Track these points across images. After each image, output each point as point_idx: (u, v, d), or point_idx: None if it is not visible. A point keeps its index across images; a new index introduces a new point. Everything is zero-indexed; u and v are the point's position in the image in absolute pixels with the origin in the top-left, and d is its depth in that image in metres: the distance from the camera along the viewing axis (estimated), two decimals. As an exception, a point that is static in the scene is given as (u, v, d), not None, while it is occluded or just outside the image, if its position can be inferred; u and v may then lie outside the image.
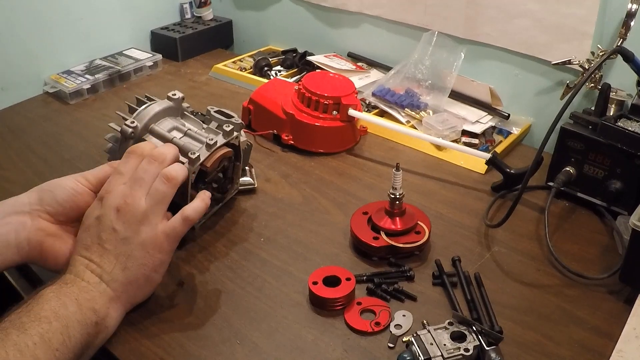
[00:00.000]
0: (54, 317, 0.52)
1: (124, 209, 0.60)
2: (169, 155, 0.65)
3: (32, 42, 1.15)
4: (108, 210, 0.61)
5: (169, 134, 0.72)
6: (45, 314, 0.52)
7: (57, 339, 0.51)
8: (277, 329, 0.62)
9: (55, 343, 0.51)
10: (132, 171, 0.63)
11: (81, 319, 0.54)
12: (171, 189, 0.63)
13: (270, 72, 1.25)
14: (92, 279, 0.58)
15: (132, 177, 0.63)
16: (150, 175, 0.63)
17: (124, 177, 0.63)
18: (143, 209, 0.61)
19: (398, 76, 1.09)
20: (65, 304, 0.54)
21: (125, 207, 0.61)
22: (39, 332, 0.50)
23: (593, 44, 0.91)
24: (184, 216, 0.62)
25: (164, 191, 0.62)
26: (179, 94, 0.75)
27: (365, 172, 0.91)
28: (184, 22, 1.44)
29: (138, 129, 0.71)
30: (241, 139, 0.77)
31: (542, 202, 0.83)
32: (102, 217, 0.61)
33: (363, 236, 0.72)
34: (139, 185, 0.62)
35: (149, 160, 0.64)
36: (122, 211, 0.60)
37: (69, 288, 0.56)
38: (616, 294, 0.66)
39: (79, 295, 0.56)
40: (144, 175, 0.63)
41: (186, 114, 0.77)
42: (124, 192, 0.62)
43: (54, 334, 0.51)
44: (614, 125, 0.75)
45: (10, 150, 0.98)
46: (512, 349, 0.59)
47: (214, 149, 0.71)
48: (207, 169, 0.70)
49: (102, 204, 0.62)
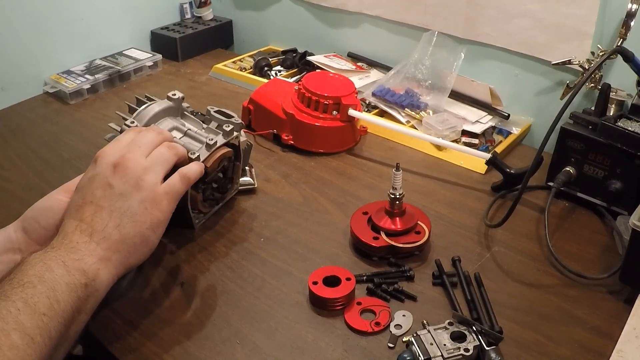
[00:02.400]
0: (39, 281, 0.48)
1: (122, 164, 0.58)
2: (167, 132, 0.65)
3: (32, 42, 1.15)
4: (104, 167, 0.58)
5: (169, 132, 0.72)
6: (29, 279, 0.48)
7: (43, 302, 0.47)
8: (277, 329, 0.62)
9: (42, 307, 0.47)
10: (130, 139, 0.62)
11: (69, 281, 0.50)
12: (173, 156, 0.62)
13: (270, 72, 1.25)
14: (80, 238, 0.54)
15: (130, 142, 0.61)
16: (149, 140, 0.61)
17: (121, 143, 0.61)
18: (142, 164, 0.59)
19: (398, 76, 1.09)
20: (51, 267, 0.50)
21: (124, 163, 0.58)
22: (22, 298, 0.46)
23: (593, 44, 0.91)
24: (182, 174, 0.62)
25: (166, 154, 0.61)
26: (178, 94, 0.75)
27: (365, 172, 0.91)
28: (184, 22, 1.44)
29: None
30: (241, 139, 0.77)
31: (542, 202, 0.83)
32: (97, 175, 0.58)
33: (363, 236, 0.72)
34: (138, 147, 0.60)
35: (148, 130, 0.63)
36: (120, 166, 0.58)
37: (55, 252, 0.52)
38: (616, 294, 0.66)
39: (65, 256, 0.52)
40: (142, 140, 0.61)
41: (186, 114, 0.77)
42: (122, 151, 0.59)
43: (40, 298, 0.47)
44: (614, 125, 0.75)
45: (10, 150, 0.98)
46: (512, 349, 0.59)
47: (214, 149, 0.71)
48: (207, 169, 0.70)
49: (97, 164, 0.59)
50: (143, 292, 0.67)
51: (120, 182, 0.57)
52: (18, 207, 0.82)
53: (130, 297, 0.66)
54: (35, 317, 0.46)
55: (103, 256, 0.55)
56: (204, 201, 0.75)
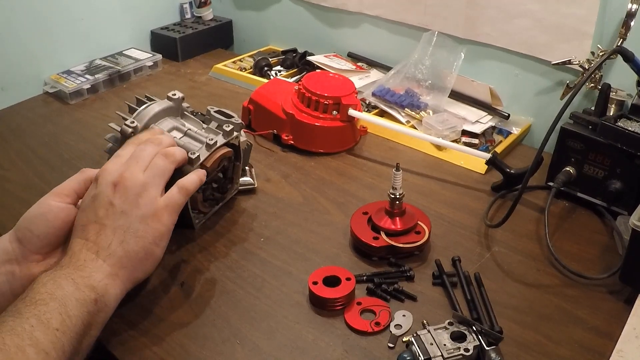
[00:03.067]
0: (50, 298, 0.50)
1: (121, 183, 0.60)
2: (166, 140, 0.66)
3: (32, 42, 1.15)
4: (104, 187, 0.60)
5: (169, 134, 0.72)
6: (41, 297, 0.50)
7: (56, 318, 0.49)
8: (277, 329, 0.62)
9: (55, 323, 0.49)
10: (129, 154, 0.63)
11: (79, 297, 0.52)
12: (170, 165, 0.63)
13: (270, 72, 1.25)
14: (87, 256, 0.56)
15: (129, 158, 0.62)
16: (147, 153, 0.63)
17: (121, 159, 0.63)
18: (141, 180, 0.60)
19: (398, 76, 1.09)
20: (61, 285, 0.52)
21: (123, 181, 0.60)
22: (35, 314, 0.48)
23: (593, 44, 0.91)
24: (180, 186, 0.63)
25: (162, 165, 0.62)
26: (179, 94, 0.75)
27: (365, 172, 0.91)
28: (184, 22, 1.44)
29: (138, 129, 0.71)
30: (241, 139, 0.77)
31: (542, 202, 0.83)
32: (98, 194, 0.60)
33: (363, 236, 0.72)
34: (136, 162, 0.62)
35: (146, 143, 0.64)
36: (120, 185, 0.59)
37: (64, 270, 0.55)
38: (616, 294, 0.66)
39: (74, 274, 0.54)
40: (141, 154, 0.62)
41: (186, 114, 0.77)
42: (120, 168, 0.61)
43: (52, 314, 0.49)
44: (614, 125, 0.75)
45: (10, 150, 0.98)
46: (512, 349, 0.59)
47: (214, 149, 0.71)
48: (207, 169, 0.70)
49: (98, 183, 0.61)
50: (143, 292, 0.67)
51: (121, 200, 0.59)
52: (18, 207, 0.82)
53: (130, 297, 0.66)
54: (49, 333, 0.48)
55: (110, 272, 0.57)
56: (204, 201, 0.75)
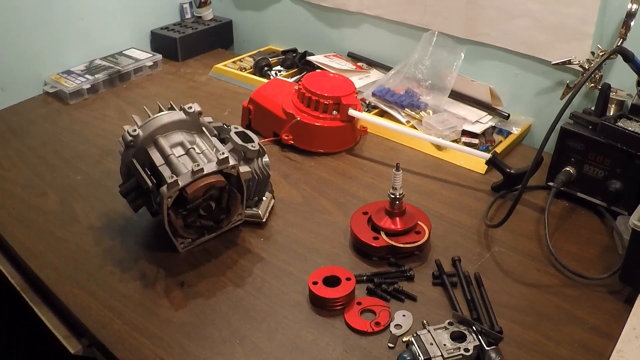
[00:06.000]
0: None
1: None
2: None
3: (32, 42, 1.15)
4: None
5: (169, 150, 0.69)
6: None
7: None
8: (277, 329, 0.62)
9: None
10: None
11: None
12: None
13: (270, 72, 1.25)
14: None
15: None
16: None
17: None
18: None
19: (398, 76, 1.09)
20: None
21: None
22: None
23: (593, 44, 0.91)
24: None
25: None
26: (195, 108, 0.71)
27: (365, 172, 0.91)
28: (184, 22, 1.44)
29: (139, 138, 0.69)
30: (241, 170, 0.70)
31: (542, 202, 0.83)
32: None
33: (363, 236, 0.72)
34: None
35: None
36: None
37: None
38: (616, 294, 0.66)
39: None
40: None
41: (204, 130, 0.72)
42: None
43: None
44: (614, 125, 0.75)
45: (10, 150, 0.98)
46: (512, 349, 0.59)
47: (199, 177, 0.66)
48: (187, 196, 0.65)
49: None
50: (143, 292, 0.67)
51: None
52: (18, 207, 0.83)
53: (130, 297, 0.66)
54: None
55: None
56: (188, 227, 0.71)
